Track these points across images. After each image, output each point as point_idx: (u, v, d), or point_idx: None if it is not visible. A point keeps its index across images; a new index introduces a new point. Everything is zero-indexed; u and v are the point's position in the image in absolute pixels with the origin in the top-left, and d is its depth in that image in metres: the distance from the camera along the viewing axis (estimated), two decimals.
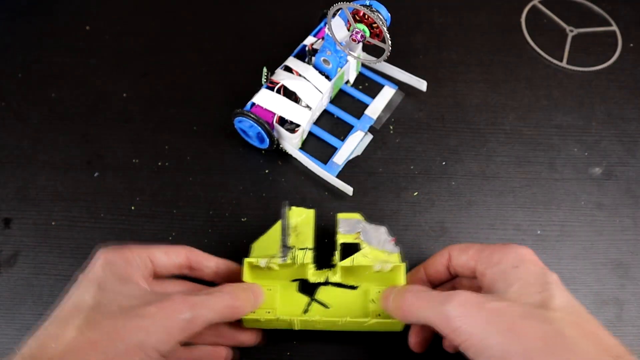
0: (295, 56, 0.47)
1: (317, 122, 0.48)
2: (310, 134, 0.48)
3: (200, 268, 0.36)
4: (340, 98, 0.50)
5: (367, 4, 0.39)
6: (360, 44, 0.44)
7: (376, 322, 0.35)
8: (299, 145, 0.46)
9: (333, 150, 0.47)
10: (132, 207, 0.44)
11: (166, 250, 0.34)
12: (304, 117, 0.44)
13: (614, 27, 0.56)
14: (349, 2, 0.37)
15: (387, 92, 0.50)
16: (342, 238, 0.37)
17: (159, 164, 0.46)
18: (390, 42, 0.36)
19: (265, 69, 0.45)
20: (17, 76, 0.51)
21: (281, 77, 0.45)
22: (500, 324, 0.28)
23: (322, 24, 0.49)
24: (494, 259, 0.32)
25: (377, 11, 0.40)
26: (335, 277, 0.37)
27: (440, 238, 0.43)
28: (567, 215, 0.44)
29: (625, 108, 0.51)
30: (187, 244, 0.42)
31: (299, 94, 0.44)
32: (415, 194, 0.45)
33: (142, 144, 0.47)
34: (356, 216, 0.40)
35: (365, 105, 0.49)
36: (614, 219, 0.44)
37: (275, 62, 0.45)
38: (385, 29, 0.37)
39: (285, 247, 0.36)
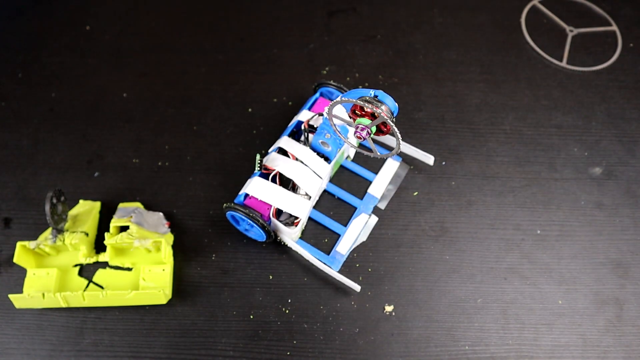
0: (289, 134, 0.42)
1: (317, 205, 0.44)
2: (309, 219, 0.43)
3: None
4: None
5: (372, 95, 0.33)
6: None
7: (137, 294, 0.38)
8: (299, 237, 0.41)
9: (335, 236, 0.43)
10: None
11: None
12: (304, 208, 0.38)
13: (614, 27, 0.56)
14: (347, 99, 0.31)
15: (391, 166, 0.45)
16: (115, 222, 0.40)
17: (159, 164, 0.46)
18: (399, 135, 0.30)
19: (258, 156, 0.40)
20: (17, 76, 0.51)
21: (276, 162, 0.40)
22: None
23: (317, 95, 0.45)
24: None
25: (383, 103, 0.32)
26: (105, 257, 0.40)
27: (440, 238, 0.43)
28: (567, 215, 0.44)
29: (625, 108, 0.51)
30: (186, 244, 0.42)
31: (297, 182, 0.39)
32: (415, 193, 0.45)
33: (142, 144, 0.47)
34: (135, 204, 0.43)
35: (368, 182, 0.45)
36: (614, 219, 0.44)
37: (275, 61, 0.44)
38: (393, 123, 0.30)
39: (56, 230, 0.39)
